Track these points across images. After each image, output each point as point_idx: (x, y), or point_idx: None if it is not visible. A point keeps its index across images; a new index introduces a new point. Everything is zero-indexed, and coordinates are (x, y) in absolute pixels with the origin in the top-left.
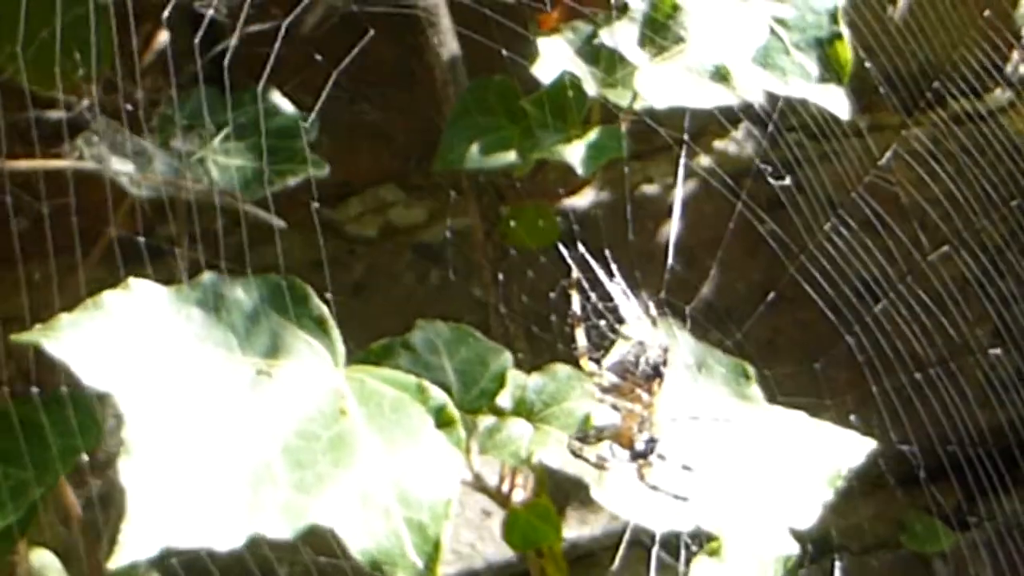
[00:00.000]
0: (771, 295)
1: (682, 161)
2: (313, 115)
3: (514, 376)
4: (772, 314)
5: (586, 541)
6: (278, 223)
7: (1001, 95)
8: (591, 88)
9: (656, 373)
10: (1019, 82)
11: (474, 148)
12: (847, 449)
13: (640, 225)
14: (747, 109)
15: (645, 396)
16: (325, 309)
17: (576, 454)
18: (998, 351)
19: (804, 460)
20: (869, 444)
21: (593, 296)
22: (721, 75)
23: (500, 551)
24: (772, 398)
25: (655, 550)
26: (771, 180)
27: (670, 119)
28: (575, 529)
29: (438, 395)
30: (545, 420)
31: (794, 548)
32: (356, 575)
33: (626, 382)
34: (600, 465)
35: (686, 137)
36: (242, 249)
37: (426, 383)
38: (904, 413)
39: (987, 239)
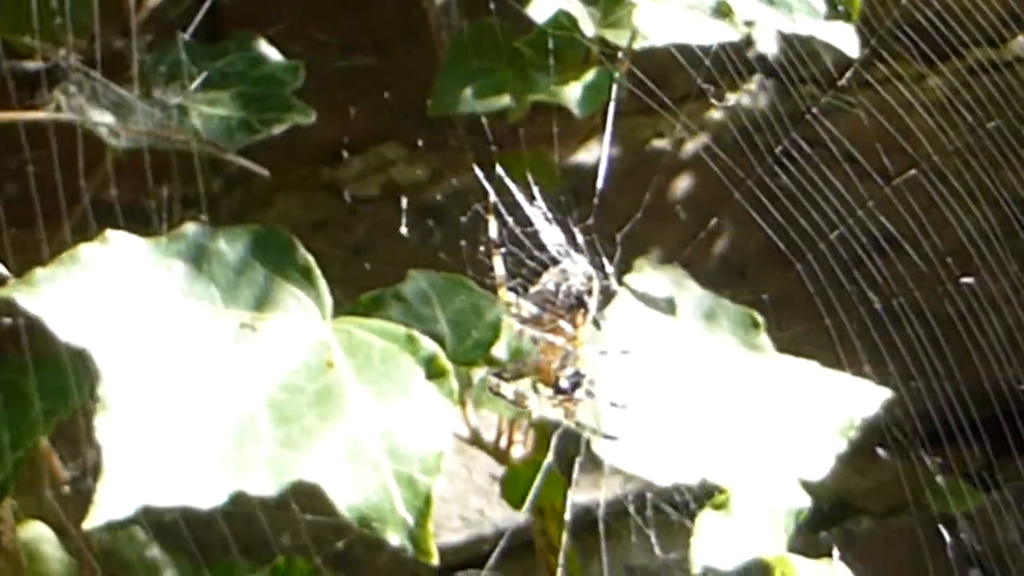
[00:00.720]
0: (713, 221)
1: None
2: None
3: (510, 326)
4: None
5: (598, 506)
6: (261, 171)
7: (1021, 43)
8: (588, 28)
9: (580, 303)
10: None
11: (468, 92)
12: (860, 399)
13: (650, 181)
14: (760, 60)
15: (568, 328)
16: (311, 259)
17: (494, 391)
18: (971, 280)
19: (815, 410)
20: (883, 393)
21: (511, 221)
22: (722, 11)
23: (510, 516)
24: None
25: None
26: (713, 101)
27: (680, 73)
28: (588, 493)
29: (429, 345)
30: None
31: (805, 500)
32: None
33: (547, 313)
34: (520, 403)
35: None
36: (239, 211)
37: (416, 333)
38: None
39: (1007, 191)
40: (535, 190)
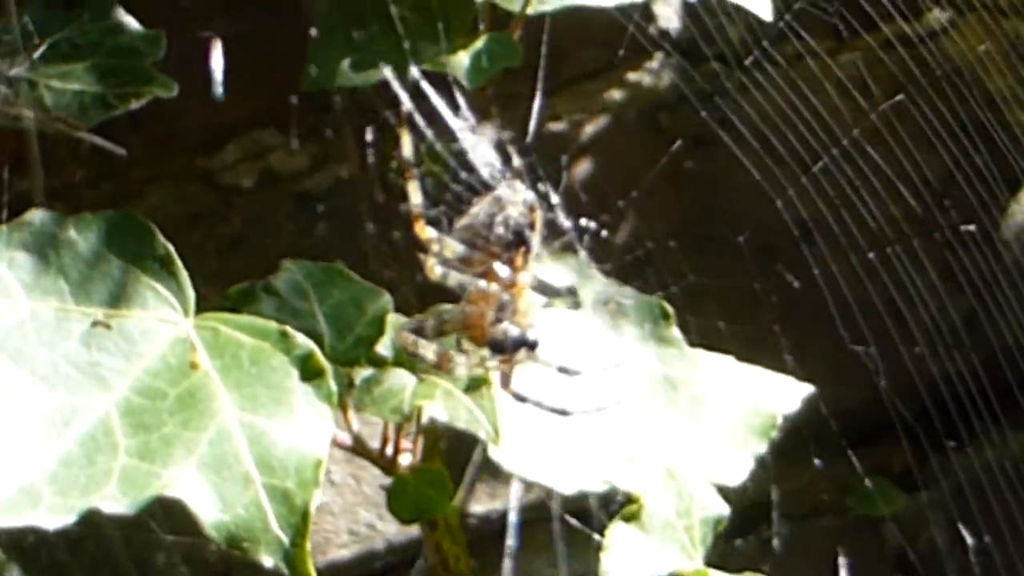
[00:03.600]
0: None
1: None
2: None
3: (395, 321)
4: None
5: (497, 516)
6: (118, 151)
7: (939, 15)
8: None
9: (519, 240)
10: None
11: (345, 64)
12: (782, 396)
13: (549, 164)
14: (663, 36)
15: (504, 272)
16: (171, 248)
17: (411, 351)
18: (972, 228)
19: (733, 409)
20: (806, 389)
21: (430, 135)
22: None
23: (402, 530)
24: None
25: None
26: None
27: (578, 50)
28: (485, 503)
29: (303, 343)
30: (431, 370)
31: (724, 508)
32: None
33: (478, 252)
34: (443, 365)
35: None
36: (107, 204)
37: (289, 329)
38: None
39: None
40: (459, 98)
